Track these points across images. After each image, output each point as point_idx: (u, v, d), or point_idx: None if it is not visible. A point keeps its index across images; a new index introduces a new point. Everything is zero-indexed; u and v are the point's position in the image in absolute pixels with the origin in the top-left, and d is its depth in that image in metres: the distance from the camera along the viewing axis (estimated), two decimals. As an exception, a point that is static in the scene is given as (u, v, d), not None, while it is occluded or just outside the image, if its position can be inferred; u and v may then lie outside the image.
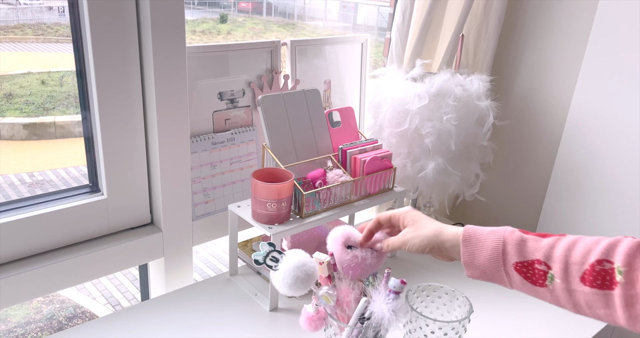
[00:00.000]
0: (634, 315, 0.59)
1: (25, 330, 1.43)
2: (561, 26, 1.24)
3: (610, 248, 0.63)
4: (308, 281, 0.77)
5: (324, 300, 0.76)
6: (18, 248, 0.91)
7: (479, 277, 0.70)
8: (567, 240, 0.66)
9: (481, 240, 0.69)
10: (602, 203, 1.19)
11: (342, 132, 1.13)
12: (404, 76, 1.17)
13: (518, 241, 0.67)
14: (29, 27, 1.12)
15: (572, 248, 0.64)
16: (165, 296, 1.03)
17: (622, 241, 0.63)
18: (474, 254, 0.69)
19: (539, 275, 0.65)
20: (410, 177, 1.19)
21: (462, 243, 0.70)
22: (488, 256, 0.68)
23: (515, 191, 1.41)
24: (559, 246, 0.65)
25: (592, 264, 0.62)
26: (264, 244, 0.78)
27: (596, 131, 1.17)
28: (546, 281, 0.65)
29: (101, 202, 0.98)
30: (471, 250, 0.69)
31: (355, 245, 0.81)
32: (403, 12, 1.22)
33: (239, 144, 1.16)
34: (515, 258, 0.67)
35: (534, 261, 0.66)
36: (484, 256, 0.68)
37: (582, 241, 0.65)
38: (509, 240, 0.68)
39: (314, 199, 1.00)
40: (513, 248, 0.67)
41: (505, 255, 0.67)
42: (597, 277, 0.61)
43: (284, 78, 1.19)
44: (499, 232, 0.69)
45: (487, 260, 0.68)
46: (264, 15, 1.77)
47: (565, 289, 0.63)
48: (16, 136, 1.21)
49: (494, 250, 0.68)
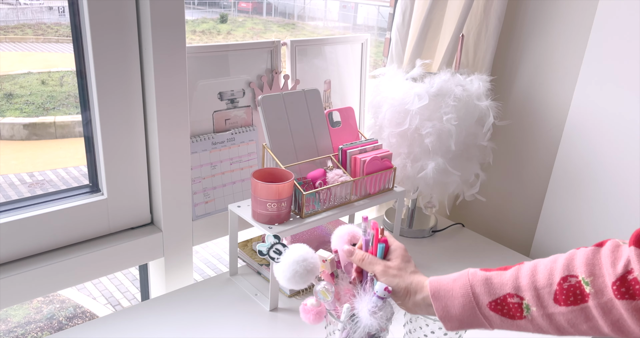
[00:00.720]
0: (614, 320, 0.60)
1: (25, 330, 1.43)
2: (561, 26, 1.24)
3: (569, 262, 0.64)
4: (306, 276, 0.77)
5: (322, 295, 0.77)
6: (18, 248, 0.91)
7: (458, 328, 0.69)
8: (527, 266, 0.67)
9: (449, 291, 0.69)
10: (602, 203, 1.19)
11: (342, 132, 1.13)
12: (404, 76, 1.17)
13: (483, 281, 0.67)
14: (29, 27, 1.12)
15: (535, 272, 0.65)
16: (165, 296, 1.03)
17: (577, 253, 0.64)
18: (446, 306, 0.69)
19: (515, 308, 0.65)
20: (410, 177, 1.19)
21: (432, 299, 0.69)
22: (461, 304, 0.68)
23: (515, 191, 1.41)
24: (523, 274, 0.66)
25: (559, 283, 0.63)
26: (270, 236, 0.79)
27: (596, 131, 1.17)
28: (524, 313, 0.65)
29: (101, 202, 0.98)
30: (443, 303, 0.69)
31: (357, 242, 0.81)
32: (403, 12, 1.22)
33: (239, 144, 1.16)
34: (487, 298, 0.67)
35: (505, 296, 0.66)
36: (457, 306, 0.68)
37: (541, 263, 0.66)
38: (475, 282, 0.68)
39: (314, 199, 1.00)
40: (481, 289, 0.67)
41: (477, 298, 0.67)
42: (569, 294, 0.62)
43: (284, 78, 1.19)
44: (463, 278, 0.69)
45: (460, 308, 0.68)
46: (264, 15, 1.77)
47: (544, 315, 0.63)
48: (16, 136, 1.21)
49: (465, 297, 0.68)
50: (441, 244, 1.30)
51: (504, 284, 0.66)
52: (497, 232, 1.47)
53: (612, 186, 1.16)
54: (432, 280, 0.71)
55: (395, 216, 1.18)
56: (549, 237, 1.30)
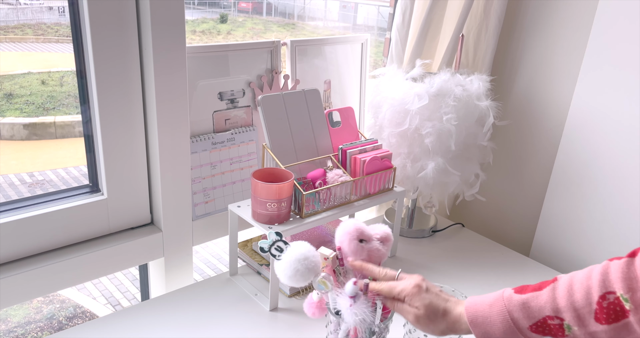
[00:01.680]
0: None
1: (25, 330, 1.43)
2: (561, 26, 1.24)
3: (605, 277, 0.63)
4: (308, 274, 0.77)
5: (321, 285, 0.77)
6: (18, 248, 0.91)
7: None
8: (563, 285, 0.66)
9: (487, 317, 0.69)
10: (602, 203, 1.19)
11: (342, 132, 1.13)
12: (404, 76, 1.17)
13: (520, 305, 0.67)
14: (29, 27, 1.12)
15: (571, 292, 0.65)
16: (165, 296, 1.03)
17: (611, 266, 0.64)
18: (487, 332, 0.69)
19: (556, 329, 0.65)
20: (410, 177, 1.19)
21: (471, 326, 0.69)
22: (502, 330, 0.68)
23: (515, 191, 1.41)
24: (559, 295, 0.65)
25: (598, 302, 0.62)
26: (272, 233, 0.80)
27: (596, 131, 1.17)
28: (565, 332, 0.65)
29: (101, 202, 0.98)
30: (483, 329, 0.69)
31: (366, 238, 0.81)
32: (403, 12, 1.22)
33: (239, 144, 1.16)
34: (526, 322, 0.66)
35: (545, 319, 0.66)
36: (499, 331, 0.68)
37: (576, 281, 0.66)
38: (512, 308, 0.68)
39: (314, 199, 1.00)
40: (520, 314, 0.67)
41: (516, 322, 0.67)
42: (610, 313, 0.62)
43: (284, 78, 1.19)
44: (499, 303, 0.69)
45: (502, 333, 0.68)
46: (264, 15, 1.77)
47: (586, 333, 0.64)
48: (16, 136, 1.21)
49: (504, 323, 0.68)
50: (441, 244, 1.30)
51: (541, 307, 0.66)
52: (497, 232, 1.47)
53: (612, 186, 1.16)
54: (469, 307, 0.71)
55: (395, 216, 1.18)
56: (549, 237, 1.30)
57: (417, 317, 0.73)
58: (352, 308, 0.73)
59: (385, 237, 0.84)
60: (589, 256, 1.22)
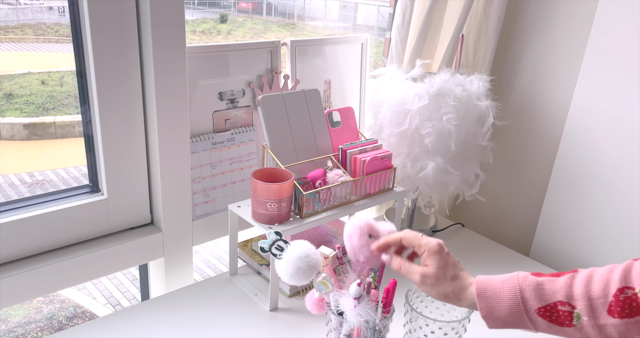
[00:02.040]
0: None
1: (25, 330, 1.43)
2: (561, 26, 1.24)
3: (626, 274, 0.62)
4: (309, 272, 0.78)
5: (322, 286, 0.77)
6: (18, 248, 0.91)
7: (501, 327, 0.68)
8: (582, 275, 0.65)
9: (496, 292, 0.68)
10: (602, 203, 1.19)
11: (342, 132, 1.13)
12: (404, 76, 1.17)
13: (534, 285, 0.66)
14: (29, 27, 1.12)
15: (590, 282, 0.64)
16: (165, 296, 1.03)
17: (635, 264, 0.63)
18: (492, 308, 0.67)
19: (565, 316, 0.64)
20: (410, 177, 1.19)
21: (477, 298, 0.68)
22: (507, 307, 0.67)
23: (515, 191, 1.41)
24: (577, 283, 0.64)
25: (615, 294, 0.61)
26: (271, 232, 0.80)
27: (596, 131, 1.17)
28: (573, 321, 0.64)
29: (101, 202, 0.98)
30: (489, 304, 0.68)
31: (374, 234, 0.80)
32: (403, 12, 1.22)
33: (239, 144, 1.16)
34: (536, 303, 0.65)
35: (556, 304, 0.65)
36: (504, 308, 0.67)
37: (597, 273, 0.65)
38: (525, 287, 0.66)
39: (314, 199, 1.00)
40: (531, 295, 0.66)
41: (525, 302, 0.66)
42: (624, 307, 0.61)
43: (284, 78, 1.19)
44: (513, 280, 0.68)
45: (507, 310, 0.67)
46: (264, 15, 1.77)
47: (595, 325, 0.62)
48: (16, 136, 1.21)
49: (513, 301, 0.66)
50: (441, 244, 1.29)
51: (556, 291, 0.65)
52: (497, 232, 1.47)
53: (612, 186, 1.16)
54: (480, 280, 0.70)
55: (395, 216, 1.18)
56: (549, 237, 1.30)
57: (424, 276, 0.72)
58: (357, 309, 0.73)
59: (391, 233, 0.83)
60: (589, 256, 1.22)
